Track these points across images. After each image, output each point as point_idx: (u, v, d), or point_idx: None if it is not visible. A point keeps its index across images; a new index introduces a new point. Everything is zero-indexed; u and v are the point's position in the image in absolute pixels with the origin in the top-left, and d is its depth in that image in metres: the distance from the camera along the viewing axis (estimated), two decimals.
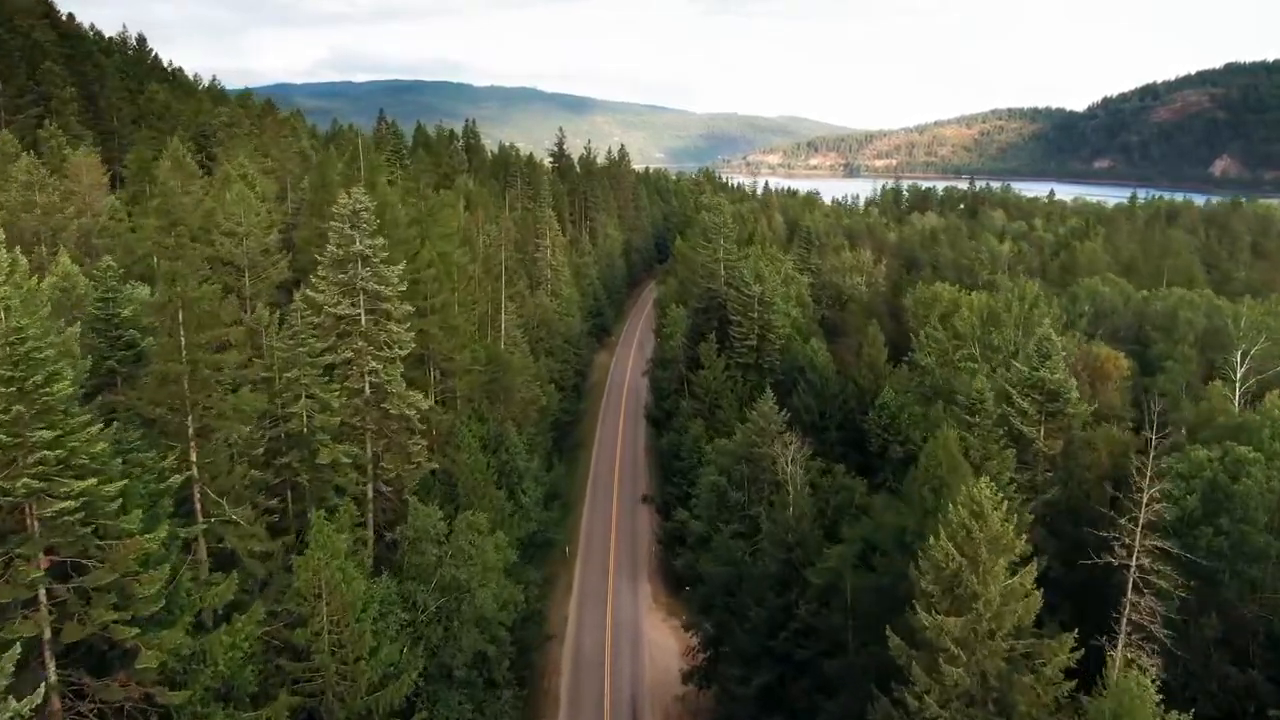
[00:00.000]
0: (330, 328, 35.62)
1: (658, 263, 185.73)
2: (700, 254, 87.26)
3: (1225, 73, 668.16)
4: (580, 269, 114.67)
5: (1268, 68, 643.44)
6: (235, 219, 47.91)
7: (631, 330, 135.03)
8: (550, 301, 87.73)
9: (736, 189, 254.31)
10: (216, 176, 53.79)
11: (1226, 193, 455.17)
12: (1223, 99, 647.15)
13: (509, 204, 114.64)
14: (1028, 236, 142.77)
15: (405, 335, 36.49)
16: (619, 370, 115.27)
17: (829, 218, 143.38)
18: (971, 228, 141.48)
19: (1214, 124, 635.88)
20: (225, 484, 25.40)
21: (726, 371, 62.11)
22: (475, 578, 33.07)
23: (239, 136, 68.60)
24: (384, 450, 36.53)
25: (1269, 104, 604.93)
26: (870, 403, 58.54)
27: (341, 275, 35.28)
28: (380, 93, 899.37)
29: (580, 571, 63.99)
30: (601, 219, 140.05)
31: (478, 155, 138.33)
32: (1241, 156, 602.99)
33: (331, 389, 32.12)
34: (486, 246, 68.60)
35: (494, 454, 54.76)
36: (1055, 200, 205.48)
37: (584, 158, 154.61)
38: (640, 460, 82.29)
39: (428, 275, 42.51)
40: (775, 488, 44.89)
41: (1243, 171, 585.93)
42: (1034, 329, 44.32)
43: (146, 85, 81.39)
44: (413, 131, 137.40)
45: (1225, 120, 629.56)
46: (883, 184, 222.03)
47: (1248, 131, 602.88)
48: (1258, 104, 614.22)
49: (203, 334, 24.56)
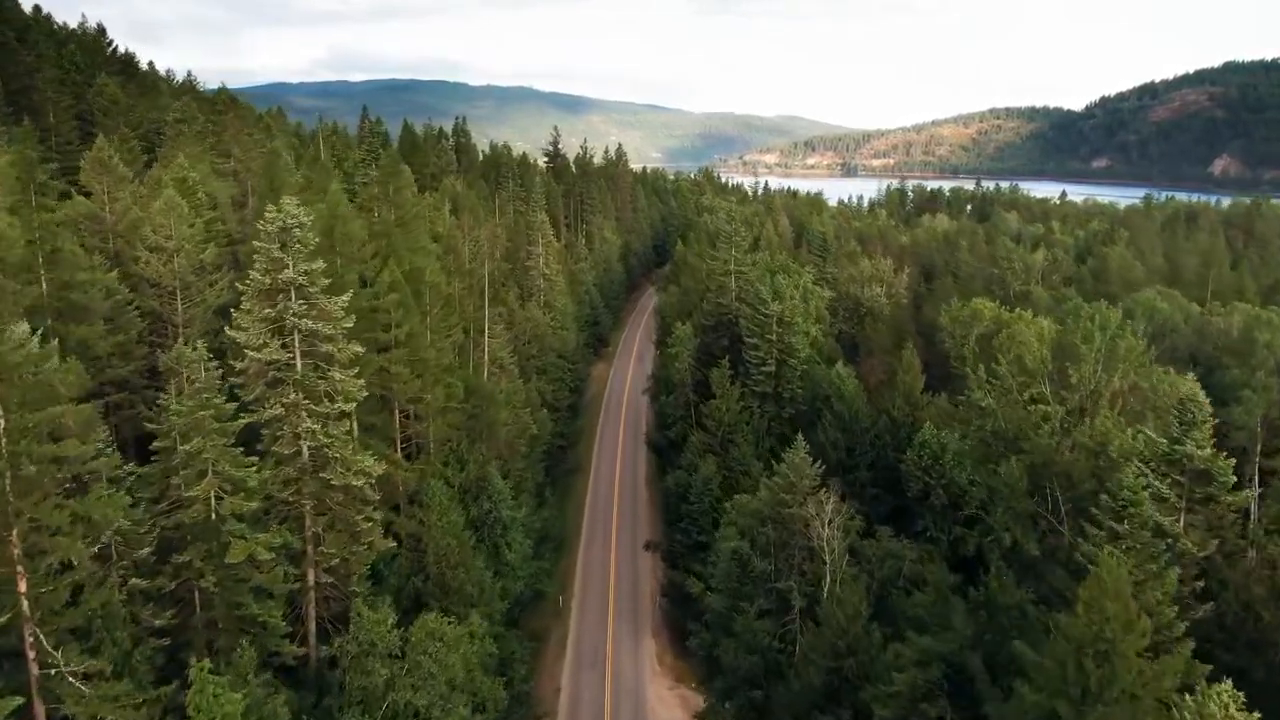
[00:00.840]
0: (256, 375, 27.97)
1: (656, 266, 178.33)
2: (707, 263, 79.71)
3: (1224, 71, 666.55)
4: (576, 276, 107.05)
5: (1266, 66, 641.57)
6: (165, 231, 40.22)
7: (630, 339, 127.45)
8: (543, 315, 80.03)
9: (735, 189, 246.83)
10: (148, 181, 46.04)
11: (1227, 192, 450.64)
12: (1222, 98, 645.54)
13: (499, 208, 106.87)
14: (1048, 240, 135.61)
15: (354, 384, 28.83)
16: (618, 383, 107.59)
17: (836, 220, 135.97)
18: (988, 231, 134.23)
19: (1213, 123, 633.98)
20: (70, 620, 17.77)
21: (741, 401, 54.60)
22: (438, 703, 25.48)
23: (186, 135, 60.63)
24: (326, 530, 28.88)
25: (1268, 103, 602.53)
26: (907, 439, 51.11)
27: (269, 310, 27.63)
28: (376, 92, 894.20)
29: (575, 626, 56.31)
30: (598, 221, 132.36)
31: (468, 155, 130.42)
32: (1241, 156, 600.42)
33: (247, 465, 24.45)
34: (469, 259, 60.97)
35: (475, 502, 47.20)
36: (1068, 201, 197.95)
37: (580, 157, 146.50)
38: (641, 493, 74.65)
39: (390, 302, 34.91)
40: (808, 555, 37.46)
41: (1243, 171, 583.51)
42: (1116, 364, 36.95)
43: (97, 78, 73.42)
44: (399, 130, 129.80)
45: (1224, 119, 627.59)
46: (887, 184, 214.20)
47: (1248, 131, 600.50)
48: (1257, 103, 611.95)
49: (30, 415, 16.98)
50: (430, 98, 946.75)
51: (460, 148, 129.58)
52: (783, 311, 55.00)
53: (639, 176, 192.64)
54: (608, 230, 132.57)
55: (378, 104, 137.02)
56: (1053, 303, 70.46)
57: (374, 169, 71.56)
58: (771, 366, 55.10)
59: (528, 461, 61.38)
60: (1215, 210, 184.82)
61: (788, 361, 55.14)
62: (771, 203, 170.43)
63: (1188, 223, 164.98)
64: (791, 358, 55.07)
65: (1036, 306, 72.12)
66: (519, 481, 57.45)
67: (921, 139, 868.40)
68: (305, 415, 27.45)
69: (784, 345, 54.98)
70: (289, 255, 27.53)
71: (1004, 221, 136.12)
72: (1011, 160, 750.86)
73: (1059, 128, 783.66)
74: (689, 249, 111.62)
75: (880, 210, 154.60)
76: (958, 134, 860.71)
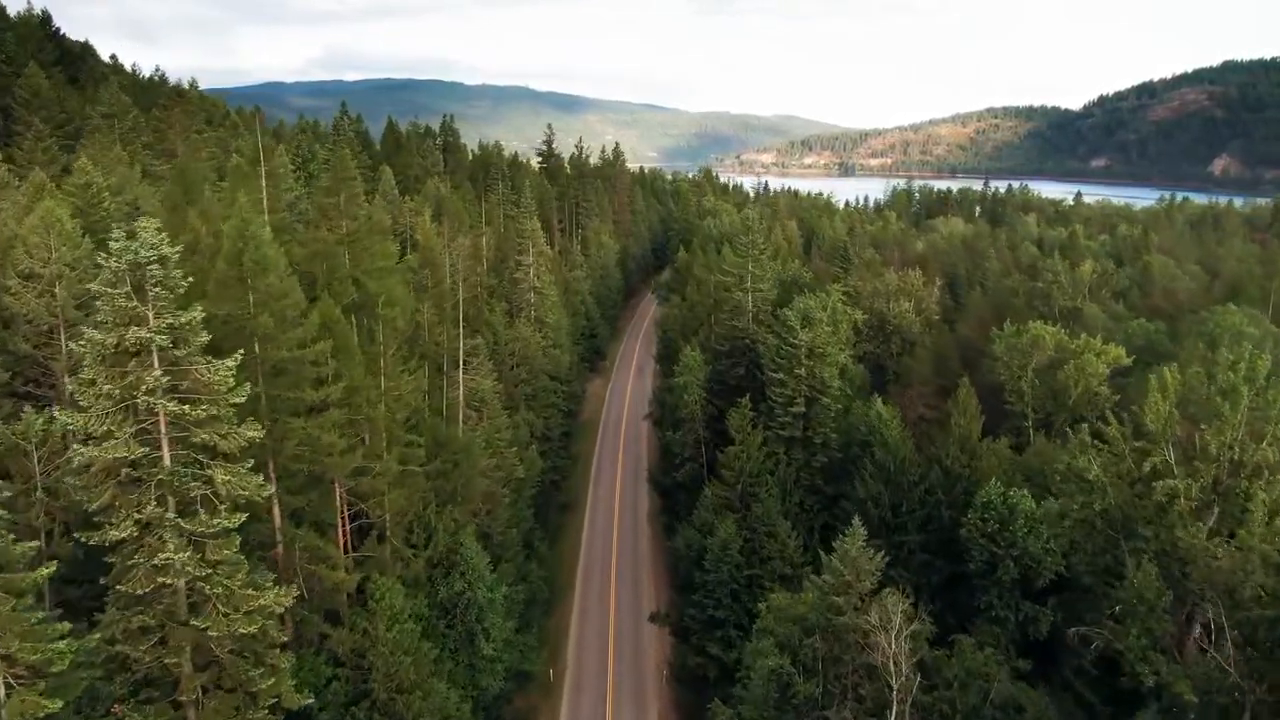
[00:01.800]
0: (104, 474, 19.30)
1: (655, 270, 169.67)
2: (716, 275, 71.10)
3: (1223, 71, 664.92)
4: (571, 286, 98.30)
5: (1266, 66, 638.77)
6: (43, 254, 31.48)
7: (629, 352, 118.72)
8: (533, 333, 71.33)
9: (736, 189, 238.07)
10: (27, 188, 37.15)
11: (1228, 192, 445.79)
12: (1221, 97, 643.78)
13: (487, 212, 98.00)
14: (1073, 246, 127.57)
15: (247, 482, 20.16)
16: (616, 402, 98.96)
17: (846, 223, 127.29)
18: (1009, 236, 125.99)
19: (1212, 122, 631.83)
20: None
21: (764, 447, 46.03)
22: None
23: (105, 132, 51.73)
24: (211, 687, 20.20)
25: (1268, 102, 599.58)
26: (965, 497, 42.69)
27: (117, 382, 18.95)
28: (372, 91, 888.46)
29: (568, 708, 47.77)
30: (594, 225, 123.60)
31: (456, 155, 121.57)
32: (1241, 155, 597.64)
33: (54, 635, 15.75)
34: (448, 276, 52.27)
35: (445, 580, 38.54)
36: (1083, 203, 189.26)
37: (575, 157, 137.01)
38: (643, 536, 66.00)
39: (319, 351, 26.27)
40: (867, 674, 28.95)
41: (1243, 171, 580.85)
42: (1268, 425, 28.52)
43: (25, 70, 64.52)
44: (384, 128, 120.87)
45: (1224, 119, 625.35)
46: (892, 184, 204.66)
47: (1248, 130, 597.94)
48: (1256, 102, 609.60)
49: None
50: (426, 97, 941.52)
51: (449, 147, 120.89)
52: (813, 340, 46.42)
53: (637, 177, 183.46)
54: (604, 234, 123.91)
55: (373, 104, 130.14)
56: (1111, 323, 62.09)
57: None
58: (800, 406, 46.49)
59: (513, 510, 52.77)
60: (1237, 212, 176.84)
61: (819, 399, 46.53)
62: (775, 204, 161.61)
63: (1214, 226, 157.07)
64: (824, 395, 46.46)
65: (1090, 327, 63.81)
66: (502, 540, 48.83)
67: (919, 138, 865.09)
68: (169, 539, 18.74)
69: (815, 380, 46.38)
70: (147, 304, 18.83)
71: (1024, 225, 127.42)
72: (1010, 160, 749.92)
73: (1057, 127, 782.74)
74: (694, 257, 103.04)
75: (889, 213, 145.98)
76: (955, 133, 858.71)
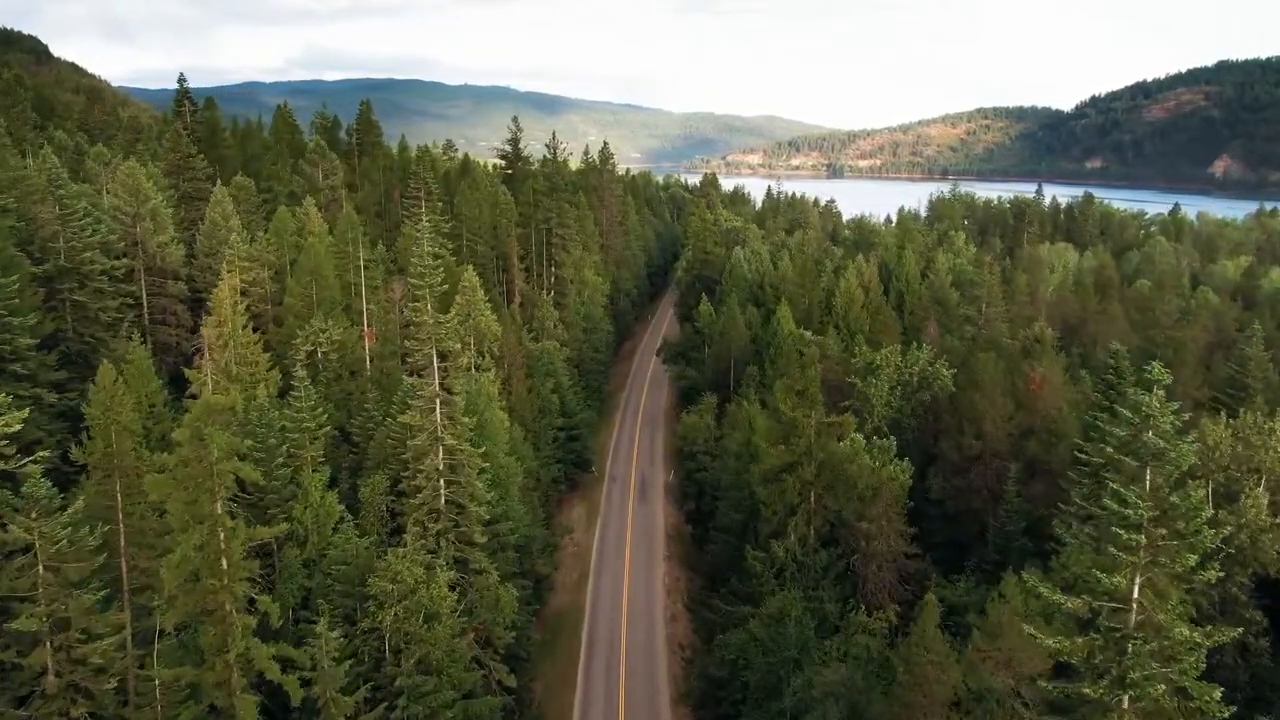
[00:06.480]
0: None
1: (652, 298, 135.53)
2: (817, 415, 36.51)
3: (1218, 70, 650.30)
4: (537, 365, 62.95)
5: (1262, 65, 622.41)
6: None
7: (626, 441, 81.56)
8: (448, 509, 35.69)
9: (746, 196, 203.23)
10: None
11: (1232, 195, 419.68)
12: (1218, 97, 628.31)
13: (396, 256, 62.30)
14: (1219, 281, 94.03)
15: None
16: (608, 582, 55.19)
17: (921, 257, 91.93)
18: (1151, 270, 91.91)
19: (1210, 122, 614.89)
20: None
21: None
22: None
23: None
24: None
25: (1266, 102, 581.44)
26: None
27: None
28: (351, 91, 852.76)
29: None
30: (575, 256, 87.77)
31: (380, 161, 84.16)
32: (1243, 156, 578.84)
33: None
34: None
35: None
36: (1180, 217, 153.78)
37: (549, 159, 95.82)
38: None
39: None
40: None
41: (1246, 172, 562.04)
42: None
43: None
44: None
45: (1221, 119, 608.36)
46: (939, 191, 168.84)
47: (1248, 130, 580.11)
48: (1254, 102, 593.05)
49: None
50: (406, 97, 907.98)
51: (364, 147, 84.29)
52: None
53: (627, 183, 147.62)
54: (589, 269, 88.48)
55: (353, 103, 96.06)
56: None
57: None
58: None
59: None
60: None
61: None
62: (808, 218, 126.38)
63: None
64: None
65: None
66: None
67: (908, 139, 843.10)
68: None
69: None
70: None
71: (1163, 252, 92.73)
72: (1001, 160, 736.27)
73: (1049, 127, 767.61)
74: (723, 314, 67.87)
75: (957, 234, 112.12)
76: (945, 134, 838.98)
